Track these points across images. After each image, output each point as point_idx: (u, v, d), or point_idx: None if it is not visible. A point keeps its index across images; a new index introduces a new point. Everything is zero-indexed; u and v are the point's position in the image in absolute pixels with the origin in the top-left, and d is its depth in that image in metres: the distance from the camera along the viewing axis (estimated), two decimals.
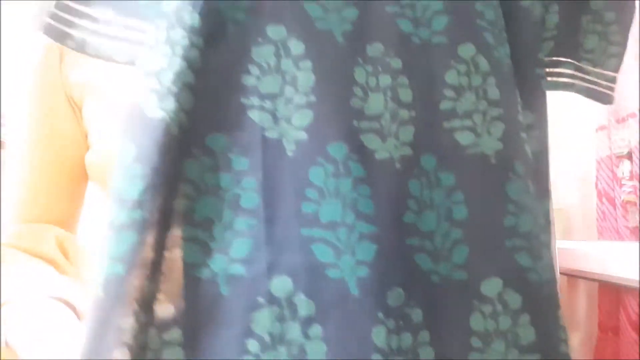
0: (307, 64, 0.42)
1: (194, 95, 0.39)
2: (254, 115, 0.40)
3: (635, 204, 1.11)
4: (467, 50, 0.46)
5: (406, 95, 0.43)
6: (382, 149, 0.42)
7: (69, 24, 0.46)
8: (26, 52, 0.76)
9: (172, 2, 0.40)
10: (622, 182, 1.15)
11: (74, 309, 0.64)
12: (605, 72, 0.59)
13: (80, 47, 0.45)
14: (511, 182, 0.44)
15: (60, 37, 0.45)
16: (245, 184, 0.39)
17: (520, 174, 0.44)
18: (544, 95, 0.52)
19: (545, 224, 0.47)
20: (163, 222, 0.37)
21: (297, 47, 0.42)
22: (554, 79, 0.57)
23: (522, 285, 0.42)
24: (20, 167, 0.70)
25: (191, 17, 0.40)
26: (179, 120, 0.38)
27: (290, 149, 0.40)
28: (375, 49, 0.44)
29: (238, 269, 0.37)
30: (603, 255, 0.88)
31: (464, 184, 0.43)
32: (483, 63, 0.46)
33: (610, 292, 1.07)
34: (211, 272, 0.37)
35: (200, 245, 0.37)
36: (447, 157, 0.43)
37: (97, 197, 0.73)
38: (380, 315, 0.38)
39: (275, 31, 0.42)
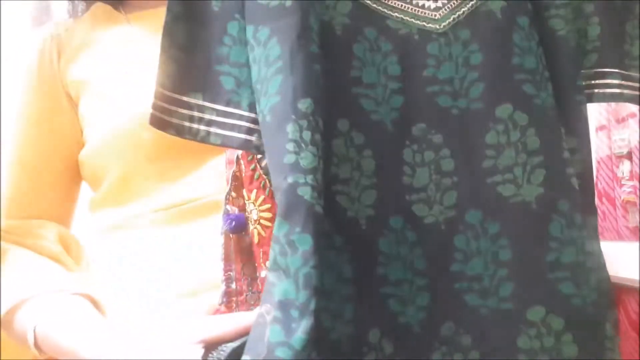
0: (368, 152, 0.51)
1: None
2: (340, 199, 0.49)
3: (635, 204, 1.11)
4: (504, 110, 0.52)
5: (448, 165, 0.52)
6: (429, 215, 0.51)
7: (168, 112, 0.53)
8: (24, 51, 0.76)
9: (307, 102, 0.47)
10: (622, 182, 1.15)
11: (96, 303, 0.64)
12: None
13: (180, 134, 0.53)
14: (553, 222, 0.51)
15: (163, 126, 0.52)
16: (343, 257, 0.49)
17: (564, 211, 0.51)
18: (585, 120, 0.57)
19: (595, 244, 0.53)
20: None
21: (358, 138, 0.51)
22: (601, 90, 0.58)
23: (565, 310, 0.50)
24: (22, 164, 0.72)
25: (321, 122, 0.48)
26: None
27: (362, 223, 0.50)
28: (418, 128, 0.52)
29: (350, 330, 0.47)
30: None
31: (508, 230, 0.51)
32: (521, 118, 0.52)
33: None
34: (337, 334, 0.47)
35: (329, 313, 0.47)
36: (492, 209, 0.51)
37: (88, 197, 0.75)
38: (436, 343, 0.49)
39: (342, 124, 0.50)
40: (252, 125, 0.52)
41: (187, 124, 0.52)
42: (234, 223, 0.62)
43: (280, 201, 0.46)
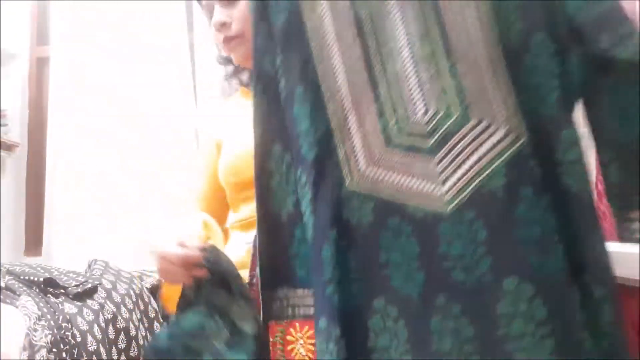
0: (402, 322, 0.61)
1: None
2: None
3: None
4: (510, 283, 0.58)
5: (468, 332, 0.59)
6: None
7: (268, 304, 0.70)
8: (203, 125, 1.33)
9: (323, 322, 0.62)
10: None
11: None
12: None
13: (279, 319, 0.70)
14: None
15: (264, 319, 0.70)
16: None
17: None
18: (612, 271, 0.62)
19: None
20: None
21: (393, 311, 0.61)
22: (626, 234, 0.63)
23: None
24: (200, 180, 1.21)
25: (335, 332, 0.61)
26: None
27: None
28: (440, 300, 0.60)
29: None
30: None
31: None
32: (527, 289, 0.58)
33: None
34: None
35: None
36: None
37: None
38: None
39: (378, 303, 0.62)
40: None
41: (283, 312, 0.68)
42: None
43: None
